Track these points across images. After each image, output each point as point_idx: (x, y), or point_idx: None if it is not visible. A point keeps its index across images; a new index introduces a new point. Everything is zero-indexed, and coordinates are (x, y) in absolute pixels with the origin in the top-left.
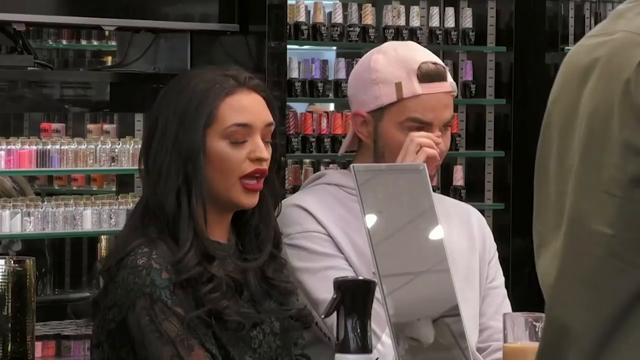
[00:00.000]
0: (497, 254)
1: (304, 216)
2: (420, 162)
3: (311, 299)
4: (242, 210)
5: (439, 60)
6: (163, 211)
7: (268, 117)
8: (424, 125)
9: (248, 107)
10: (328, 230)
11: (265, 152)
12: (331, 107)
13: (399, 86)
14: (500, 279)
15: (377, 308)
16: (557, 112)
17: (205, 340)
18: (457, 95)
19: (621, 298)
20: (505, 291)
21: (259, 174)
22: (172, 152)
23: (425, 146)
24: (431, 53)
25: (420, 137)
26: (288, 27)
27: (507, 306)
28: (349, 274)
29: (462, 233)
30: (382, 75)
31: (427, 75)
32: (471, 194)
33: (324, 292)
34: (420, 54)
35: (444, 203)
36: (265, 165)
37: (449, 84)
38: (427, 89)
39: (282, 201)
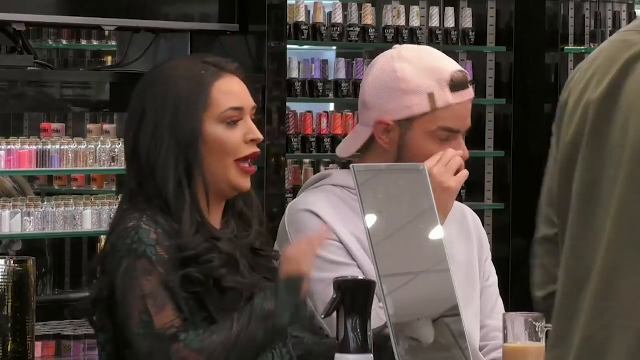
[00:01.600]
0: (490, 253)
1: (316, 223)
2: (458, 181)
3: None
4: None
5: (462, 68)
6: (165, 202)
7: (252, 100)
8: (452, 134)
9: (236, 90)
10: (340, 237)
11: (259, 133)
12: (331, 107)
13: (431, 97)
14: (494, 278)
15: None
16: (595, 104)
17: (181, 302)
18: None
19: None
20: (498, 291)
21: (255, 157)
22: (169, 141)
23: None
24: (451, 59)
25: (457, 155)
26: (288, 27)
27: (500, 305)
28: None
29: (461, 232)
30: (413, 85)
31: (459, 85)
32: (471, 194)
33: None
34: (447, 63)
35: None
36: (258, 148)
37: (472, 91)
38: (458, 98)
39: (290, 204)
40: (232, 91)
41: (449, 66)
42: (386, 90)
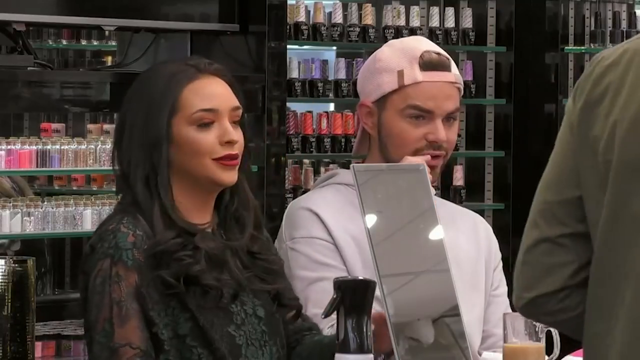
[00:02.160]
0: (501, 263)
1: (312, 221)
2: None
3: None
4: (220, 195)
5: (444, 52)
6: (137, 202)
7: (233, 100)
8: (424, 114)
9: (211, 92)
10: (334, 237)
11: (235, 134)
12: (331, 107)
13: (400, 74)
14: (504, 288)
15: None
16: (627, 95)
17: (151, 308)
18: None
19: None
20: (508, 300)
21: (230, 157)
22: (139, 144)
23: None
24: (438, 47)
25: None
26: (288, 27)
27: None
28: None
29: (469, 239)
30: (385, 64)
31: (428, 64)
32: (471, 194)
33: (315, 306)
34: (425, 44)
35: (450, 209)
36: (236, 149)
37: (453, 75)
38: (428, 77)
39: (293, 201)
40: (205, 93)
41: (425, 46)
42: (367, 73)
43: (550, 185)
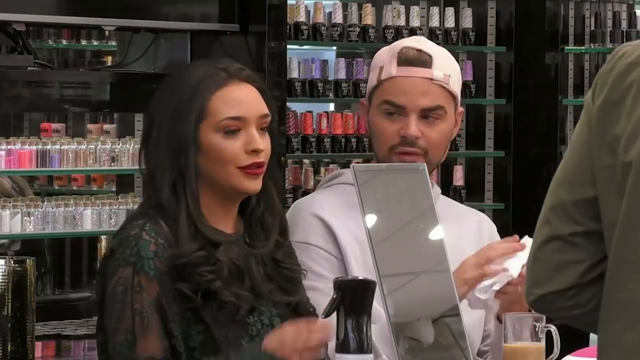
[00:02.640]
0: None
1: (313, 226)
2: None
3: None
4: (246, 200)
5: (428, 49)
6: (161, 205)
7: (262, 108)
8: (398, 110)
9: (240, 99)
10: (340, 244)
11: (261, 143)
12: (331, 107)
13: (380, 70)
14: None
15: (381, 322)
16: None
17: (171, 319)
18: None
19: None
20: None
21: (257, 166)
22: (166, 147)
23: None
24: (430, 43)
25: None
26: (288, 27)
27: None
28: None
29: (472, 239)
30: (374, 62)
31: (405, 59)
32: (471, 194)
33: None
34: (410, 41)
35: (457, 210)
36: (262, 157)
37: (431, 71)
38: (402, 71)
39: (298, 201)
40: (234, 100)
41: (408, 43)
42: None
43: (564, 183)
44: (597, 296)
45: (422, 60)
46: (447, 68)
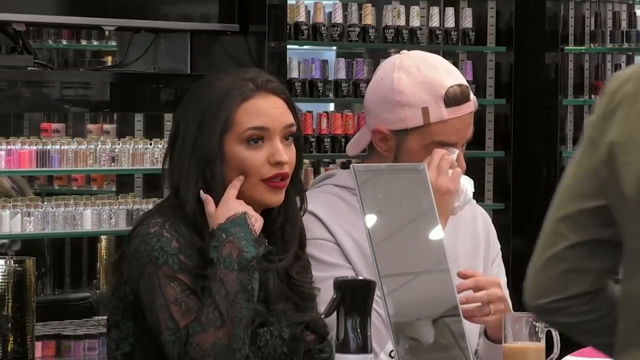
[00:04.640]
0: (500, 253)
1: (314, 222)
2: (453, 181)
3: None
4: (268, 210)
5: (463, 80)
6: (186, 214)
7: (287, 118)
8: (447, 146)
9: (265, 110)
10: (336, 238)
11: (284, 155)
12: (331, 107)
13: (425, 111)
14: (503, 280)
15: (377, 324)
16: None
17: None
18: None
19: None
20: (507, 291)
21: (281, 177)
22: (190, 157)
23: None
24: (454, 69)
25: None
26: (288, 27)
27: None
28: None
29: (467, 235)
30: (407, 98)
31: (453, 100)
32: None
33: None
34: (446, 76)
35: None
36: (286, 168)
37: (472, 102)
38: (454, 112)
39: None
40: (259, 111)
41: (447, 80)
42: (383, 99)
43: (570, 197)
44: (609, 303)
45: (465, 95)
46: (471, 92)
